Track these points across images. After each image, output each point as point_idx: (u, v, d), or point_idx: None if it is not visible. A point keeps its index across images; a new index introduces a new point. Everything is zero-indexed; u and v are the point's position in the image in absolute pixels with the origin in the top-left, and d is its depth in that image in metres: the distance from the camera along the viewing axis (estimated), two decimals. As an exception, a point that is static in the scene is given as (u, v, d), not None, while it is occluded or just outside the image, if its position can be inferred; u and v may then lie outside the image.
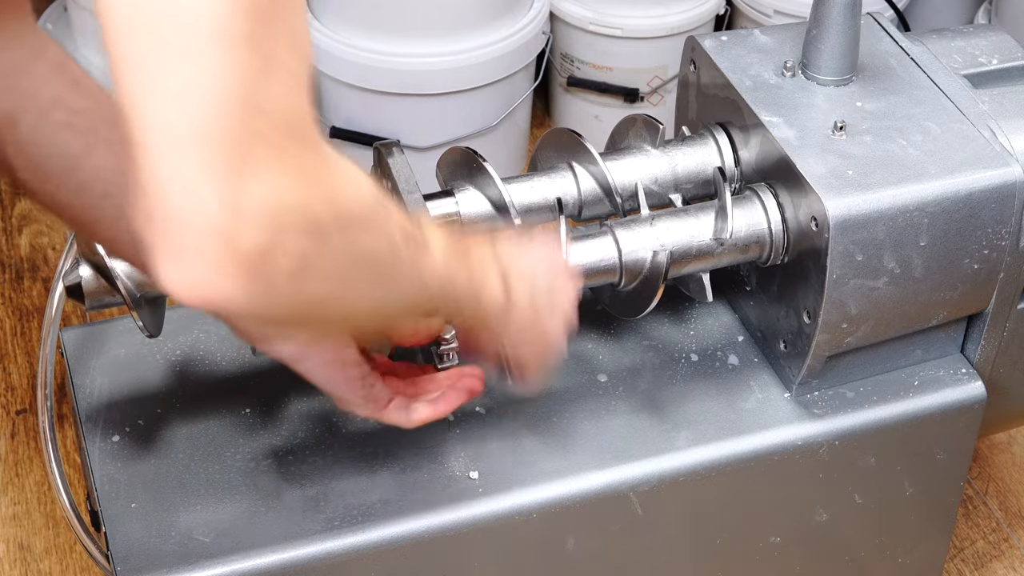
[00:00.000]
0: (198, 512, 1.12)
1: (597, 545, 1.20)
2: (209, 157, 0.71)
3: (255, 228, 0.72)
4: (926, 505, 1.31)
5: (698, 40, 1.28)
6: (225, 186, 0.71)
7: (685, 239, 1.17)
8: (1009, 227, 1.18)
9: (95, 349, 1.24)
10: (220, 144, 0.71)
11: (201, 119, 0.71)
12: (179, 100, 0.70)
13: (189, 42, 0.70)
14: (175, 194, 0.71)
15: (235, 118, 0.71)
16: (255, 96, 0.72)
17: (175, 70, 0.70)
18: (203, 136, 0.71)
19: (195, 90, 0.71)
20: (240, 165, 0.71)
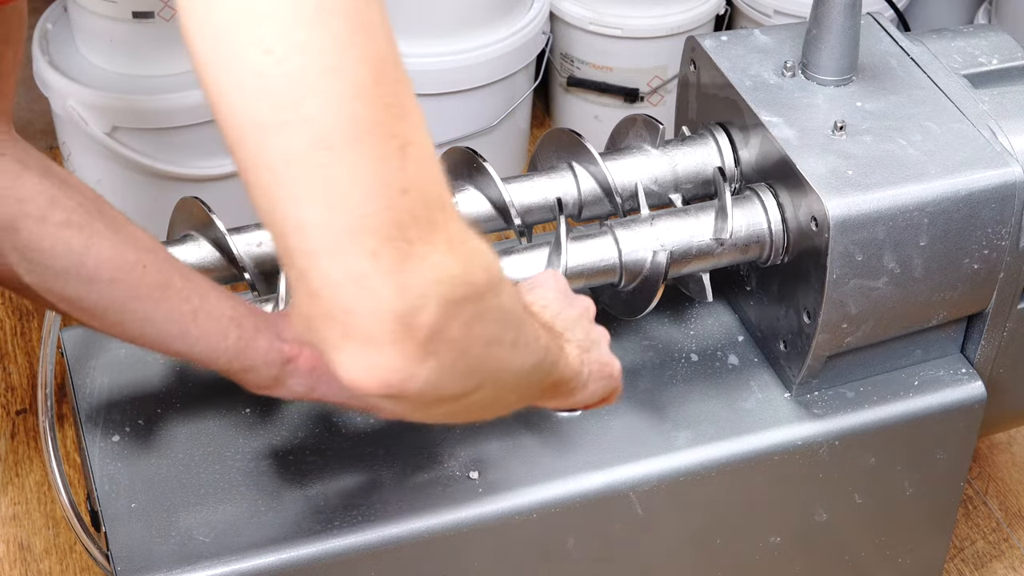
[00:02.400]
0: (198, 512, 1.12)
1: (597, 545, 1.20)
2: (374, 247, 0.73)
3: (427, 306, 0.75)
4: (926, 505, 1.31)
5: (698, 40, 1.28)
6: (394, 272, 0.73)
7: (685, 239, 1.17)
8: (1009, 227, 1.18)
9: (95, 349, 1.24)
10: (380, 233, 0.73)
11: (359, 213, 0.72)
12: (334, 200, 0.72)
13: (331, 142, 0.71)
14: (349, 289, 0.73)
15: (388, 205, 0.73)
16: (399, 180, 0.74)
17: (323, 173, 0.72)
18: (364, 229, 0.73)
19: (346, 188, 0.72)
20: (403, 249, 0.74)
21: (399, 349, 0.75)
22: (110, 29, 1.80)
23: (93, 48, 1.85)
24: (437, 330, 0.76)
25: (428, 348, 0.76)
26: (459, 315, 0.77)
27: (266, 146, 0.72)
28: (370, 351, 0.75)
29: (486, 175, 1.18)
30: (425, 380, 0.77)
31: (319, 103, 0.71)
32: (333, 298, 0.74)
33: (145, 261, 1.00)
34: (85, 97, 1.80)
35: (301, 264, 0.74)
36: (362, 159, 0.72)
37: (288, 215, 0.73)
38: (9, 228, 0.96)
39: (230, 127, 0.73)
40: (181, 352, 1.03)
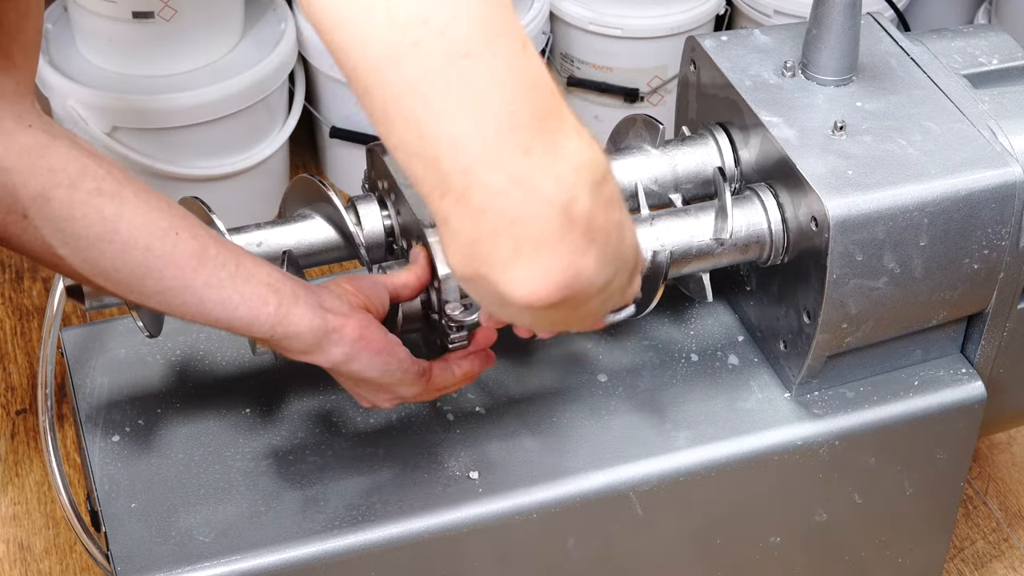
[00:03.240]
0: (198, 512, 1.12)
1: (597, 545, 1.20)
2: (526, 144, 0.75)
3: (580, 194, 0.77)
4: (926, 505, 1.31)
5: (698, 40, 1.28)
6: (548, 165, 0.76)
7: (685, 239, 1.17)
8: (1009, 227, 1.18)
9: (95, 349, 1.24)
10: (528, 128, 0.75)
11: (505, 112, 0.75)
12: (480, 104, 0.74)
13: (466, 49, 0.74)
14: (513, 192, 0.75)
15: (526, 100, 0.75)
16: (527, 75, 0.76)
17: (465, 80, 0.74)
18: (513, 126, 0.75)
19: (489, 91, 0.74)
20: (548, 140, 0.76)
21: (567, 244, 0.77)
22: (110, 29, 1.80)
23: (93, 48, 1.85)
24: (591, 216, 0.78)
25: (589, 235, 0.78)
26: (601, 198, 0.79)
27: (403, 71, 0.74)
28: (542, 254, 0.76)
29: (486, 175, 1.18)
30: (592, 272, 0.79)
31: (448, 13, 0.73)
32: (499, 207, 0.75)
33: (178, 228, 1.00)
34: (85, 97, 1.80)
35: (460, 185, 0.75)
36: (497, 60, 0.75)
37: (438, 134, 0.75)
38: (40, 198, 0.96)
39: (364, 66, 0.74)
40: (222, 321, 1.03)
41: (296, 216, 1.18)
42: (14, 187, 0.96)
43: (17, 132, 0.96)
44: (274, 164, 1.96)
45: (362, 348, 1.05)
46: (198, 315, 1.02)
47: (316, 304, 1.04)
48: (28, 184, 0.96)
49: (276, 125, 1.93)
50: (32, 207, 0.96)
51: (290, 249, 1.16)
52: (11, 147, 0.96)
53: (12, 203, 0.96)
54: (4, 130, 0.96)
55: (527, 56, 0.77)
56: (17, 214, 0.96)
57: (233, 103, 1.83)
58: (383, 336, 1.06)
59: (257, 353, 1.14)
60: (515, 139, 0.75)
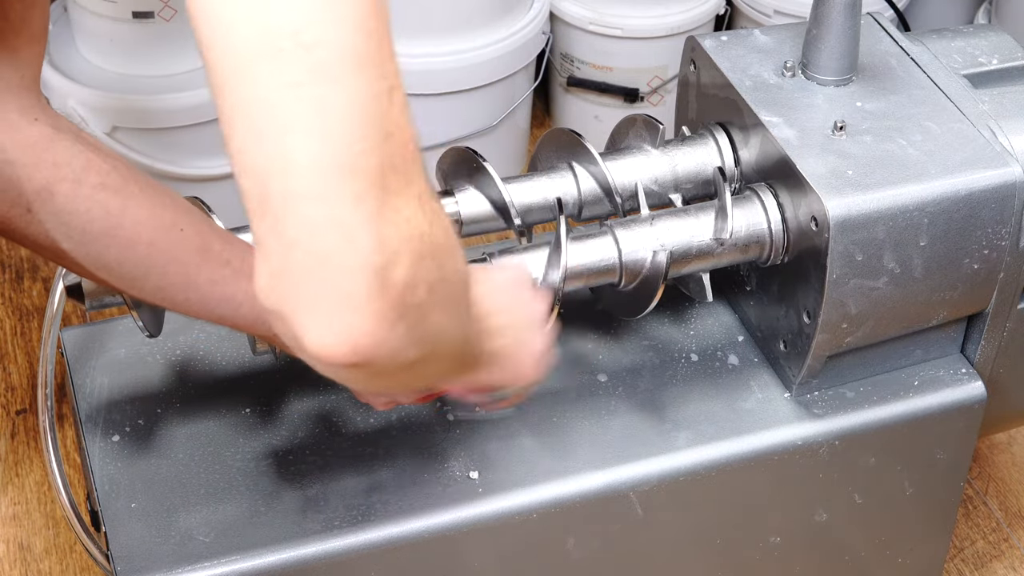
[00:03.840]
0: (198, 512, 1.12)
1: (597, 545, 1.20)
2: (359, 191, 0.70)
3: (401, 263, 0.72)
4: (926, 505, 1.31)
5: (698, 40, 1.28)
6: (375, 221, 0.71)
7: (685, 239, 1.17)
8: (1009, 227, 1.18)
9: (95, 349, 1.24)
10: (365, 176, 0.71)
11: (349, 151, 0.70)
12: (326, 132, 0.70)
13: (329, 72, 0.69)
14: (330, 236, 0.71)
15: (375, 147, 0.71)
16: (386, 122, 0.72)
17: (319, 103, 0.70)
18: (351, 168, 0.70)
19: (339, 122, 0.70)
20: (383, 196, 0.71)
21: (374, 308, 0.72)
22: (110, 29, 1.80)
23: (93, 48, 1.85)
24: (408, 290, 0.73)
25: (399, 309, 0.73)
26: (426, 275, 0.75)
27: (260, 77, 0.70)
28: (344, 311, 0.72)
29: (486, 175, 1.18)
30: (393, 346, 0.74)
31: (323, 32, 0.69)
32: (311, 246, 0.71)
33: (182, 224, 0.99)
34: (85, 97, 1.80)
35: (280, 208, 0.71)
36: (358, 94, 0.71)
37: (274, 151, 0.71)
38: (45, 191, 0.96)
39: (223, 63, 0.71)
40: (226, 317, 1.02)
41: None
42: (19, 180, 0.95)
43: (22, 125, 0.96)
44: (274, 164, 1.95)
45: None
46: (201, 311, 1.02)
47: None
48: (33, 178, 0.96)
49: (276, 125, 1.93)
50: (36, 201, 0.96)
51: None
52: (16, 140, 0.96)
53: (16, 196, 0.96)
54: (9, 123, 0.96)
55: (391, 102, 0.72)
56: (21, 207, 0.96)
57: (233, 103, 1.83)
58: None
59: (257, 353, 1.14)
60: (349, 181, 0.70)
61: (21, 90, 0.97)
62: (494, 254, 1.16)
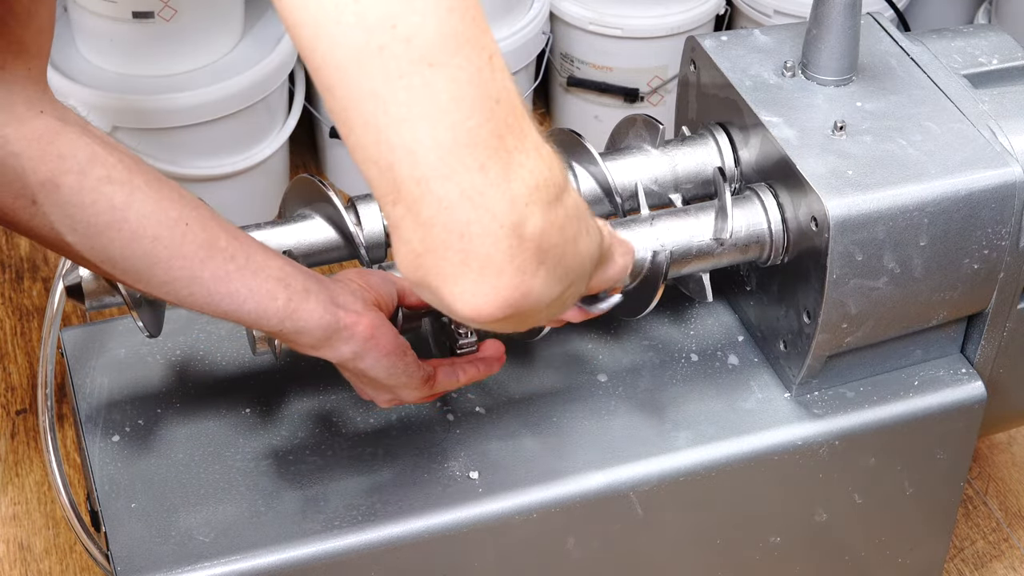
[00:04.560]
0: (198, 512, 1.12)
1: (597, 545, 1.20)
2: (482, 160, 0.75)
3: (533, 215, 0.77)
4: (926, 505, 1.31)
5: (698, 40, 1.28)
6: (503, 183, 0.75)
7: (685, 239, 1.17)
8: (1009, 227, 1.18)
9: (95, 349, 1.24)
10: (486, 145, 0.75)
11: (465, 126, 0.74)
12: (440, 115, 0.74)
13: (430, 58, 0.73)
14: (464, 208, 0.75)
15: (487, 116, 0.75)
16: (491, 89, 0.75)
17: (428, 89, 0.73)
18: (471, 142, 0.74)
19: (450, 103, 0.74)
20: (505, 158, 0.76)
21: (516, 264, 0.77)
22: (110, 29, 1.80)
23: (93, 48, 1.85)
24: (543, 237, 0.78)
25: (539, 257, 0.78)
26: (555, 218, 0.79)
27: (366, 74, 0.73)
28: (489, 273, 0.76)
29: (486, 175, 1.18)
30: (539, 291, 0.79)
31: (418, 21, 0.73)
32: (448, 221, 0.75)
33: (188, 219, 0.99)
34: (85, 97, 1.80)
35: (412, 193, 0.75)
36: (462, 72, 0.74)
37: (395, 141, 0.74)
38: (50, 184, 0.96)
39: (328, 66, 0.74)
40: (230, 313, 1.02)
41: (296, 216, 1.18)
42: (24, 172, 0.95)
43: (28, 118, 0.96)
44: (274, 164, 1.96)
45: (371, 347, 1.05)
46: (206, 306, 1.02)
47: (328, 300, 1.03)
48: (38, 170, 0.96)
49: (276, 125, 1.93)
50: (41, 193, 0.96)
51: (290, 249, 1.16)
52: (22, 133, 0.96)
53: (21, 188, 0.96)
54: (15, 116, 0.96)
55: (492, 70, 0.76)
56: (26, 199, 0.96)
57: (233, 103, 1.83)
58: (394, 338, 1.06)
59: (257, 353, 1.14)
60: (471, 154, 0.75)
61: (28, 82, 0.97)
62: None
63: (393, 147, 0.75)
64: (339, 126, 0.77)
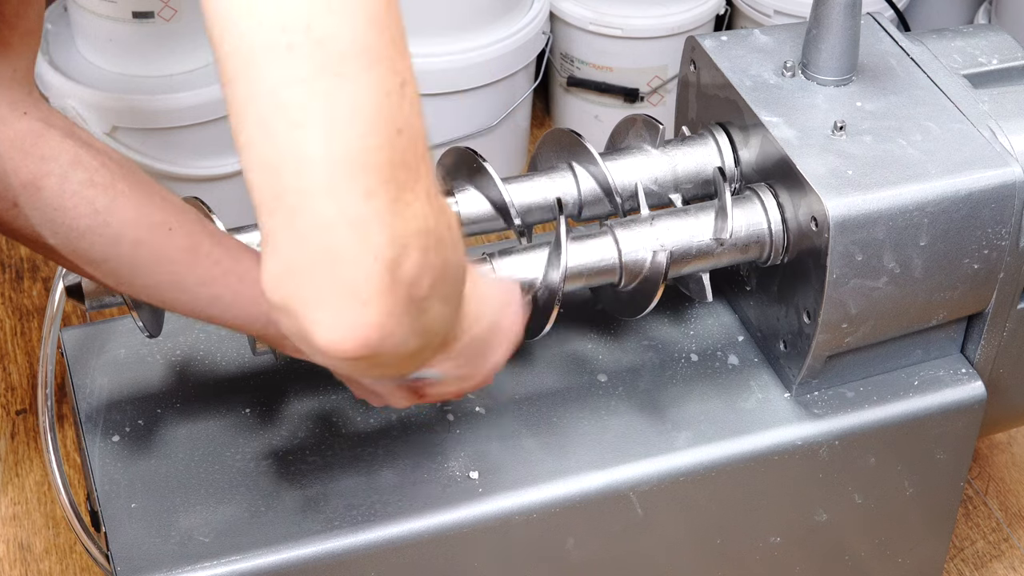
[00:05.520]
0: (198, 512, 1.12)
1: (597, 545, 1.20)
2: (370, 187, 0.71)
3: (410, 257, 0.73)
4: (926, 505, 1.31)
5: (698, 40, 1.28)
6: (386, 216, 0.71)
7: (685, 239, 1.17)
8: (1009, 227, 1.18)
9: (95, 349, 1.24)
10: (378, 172, 0.71)
11: (360, 146, 0.70)
12: (337, 128, 0.70)
13: (339, 67, 0.70)
14: (341, 231, 0.71)
15: (385, 142, 0.71)
16: (396, 117, 0.72)
17: (329, 99, 0.70)
18: (363, 165, 0.70)
19: (351, 117, 0.70)
20: (395, 191, 0.72)
21: (382, 302, 0.73)
22: (110, 29, 1.80)
23: (93, 48, 1.85)
24: (415, 283, 0.74)
25: (407, 302, 0.74)
26: (431, 269, 0.75)
27: (270, 72, 0.70)
28: (352, 306, 0.72)
29: (486, 175, 1.18)
30: (399, 338, 0.75)
31: (335, 26, 0.70)
32: (323, 241, 0.71)
33: (172, 223, 0.98)
34: (85, 97, 1.80)
35: (292, 203, 0.71)
36: (369, 90, 0.71)
37: (285, 145, 0.71)
38: (31, 186, 0.96)
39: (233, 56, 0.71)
40: (215, 317, 1.01)
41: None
42: (5, 174, 0.95)
43: (11, 120, 0.96)
44: (274, 164, 1.95)
45: None
46: (191, 311, 1.02)
47: None
48: (19, 171, 0.95)
49: (276, 125, 1.93)
50: (23, 195, 0.96)
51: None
52: (4, 134, 0.95)
53: (3, 190, 0.95)
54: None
55: (401, 98, 0.73)
56: (8, 201, 0.96)
57: (233, 103, 1.83)
58: None
59: (257, 353, 1.14)
60: (360, 177, 0.71)
61: (12, 84, 0.97)
62: (494, 254, 1.16)
63: (281, 151, 0.71)
64: (232, 122, 0.73)
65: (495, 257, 1.15)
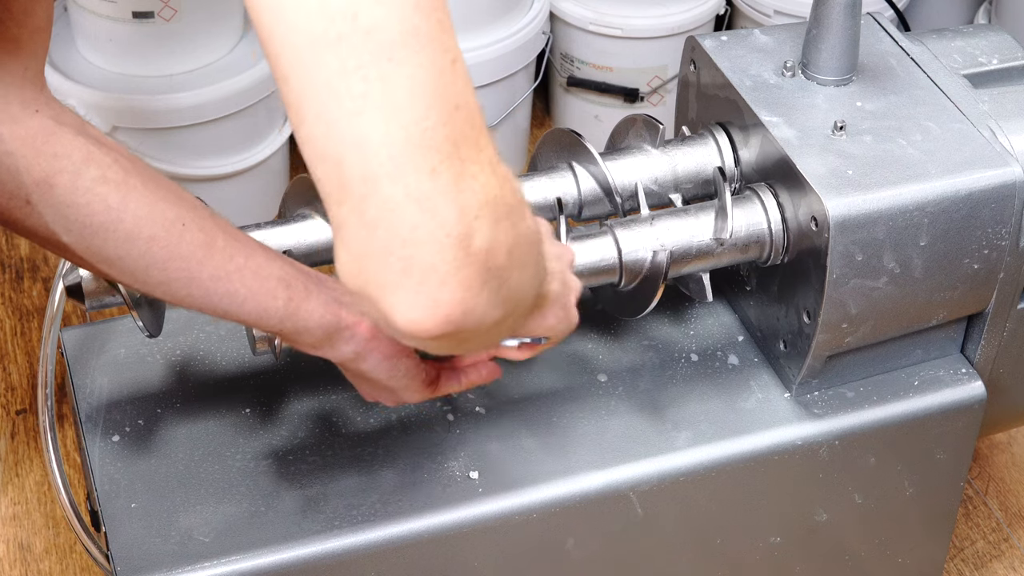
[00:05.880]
0: (198, 512, 1.12)
1: (597, 545, 1.20)
2: (434, 164, 0.72)
3: (481, 229, 0.74)
4: (926, 505, 1.31)
5: (698, 40, 1.28)
6: (453, 191, 0.72)
7: (685, 239, 1.17)
8: (1009, 227, 1.18)
9: (95, 349, 1.24)
10: (440, 149, 0.72)
11: (420, 127, 0.71)
12: (394, 112, 0.71)
13: (390, 53, 0.71)
14: (410, 211, 0.72)
15: (444, 120, 0.72)
16: (451, 94, 0.73)
17: (384, 84, 0.71)
18: (424, 144, 0.71)
19: (407, 100, 0.71)
20: (458, 166, 0.73)
21: (460, 278, 0.74)
22: (110, 29, 1.80)
23: (93, 48, 1.85)
24: (490, 254, 0.75)
25: (483, 275, 0.75)
26: (504, 238, 0.76)
27: (323, 64, 0.71)
28: (431, 284, 0.73)
29: (486, 175, 1.18)
30: (481, 311, 0.76)
31: (381, 13, 0.71)
32: (393, 224, 0.72)
33: (185, 219, 0.99)
34: (85, 97, 1.80)
35: (359, 191, 0.72)
36: (422, 71, 0.72)
37: (346, 135, 0.72)
38: (44, 183, 0.96)
39: (285, 53, 0.72)
40: (230, 313, 1.01)
41: (296, 216, 1.18)
42: (18, 172, 0.95)
43: (23, 117, 0.96)
44: (274, 164, 1.96)
45: (372, 349, 1.04)
46: (205, 307, 1.02)
47: (330, 299, 1.03)
48: (32, 169, 0.95)
49: (276, 125, 1.93)
50: (36, 192, 0.96)
51: (290, 249, 1.16)
52: (16, 132, 0.95)
53: (16, 188, 0.96)
54: (10, 115, 0.95)
55: (454, 75, 0.74)
56: (21, 199, 0.96)
57: (233, 103, 1.83)
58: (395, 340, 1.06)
59: (257, 353, 1.14)
60: (423, 156, 0.72)
61: (24, 82, 0.97)
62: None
63: (343, 141, 0.72)
64: (292, 118, 0.74)
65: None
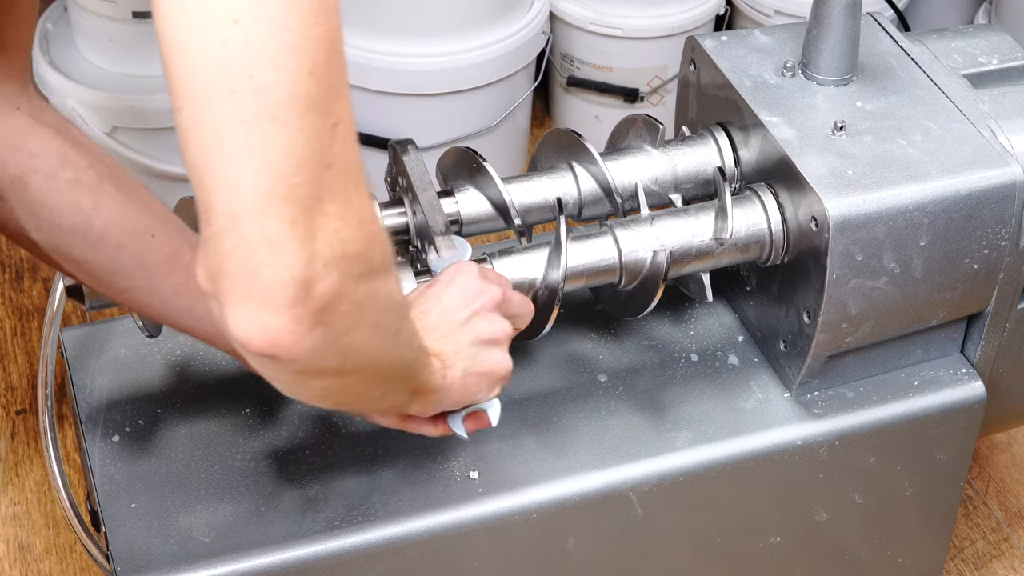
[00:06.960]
0: (198, 512, 1.12)
1: (597, 545, 1.20)
2: (294, 215, 0.76)
3: (328, 277, 0.78)
4: (926, 505, 1.31)
5: (698, 40, 1.28)
6: (307, 240, 0.77)
7: (685, 239, 1.17)
8: (1009, 227, 1.18)
9: (95, 349, 1.24)
10: (302, 203, 0.76)
11: (287, 181, 0.76)
12: (267, 167, 0.75)
13: (275, 113, 0.75)
14: (262, 252, 0.76)
15: (312, 178, 0.77)
16: (327, 155, 0.77)
17: (264, 141, 0.75)
18: (288, 196, 0.76)
19: (281, 157, 0.76)
20: (319, 220, 0.77)
21: (293, 312, 0.78)
22: (110, 29, 1.80)
23: (93, 48, 1.85)
24: (332, 301, 0.79)
25: (319, 317, 0.79)
26: (354, 292, 0.80)
27: (213, 109, 0.75)
28: (265, 311, 0.78)
29: (486, 175, 1.18)
30: (309, 347, 0.79)
31: (275, 77, 0.74)
32: (247, 258, 0.77)
33: (154, 230, 1.00)
34: (85, 97, 1.80)
35: (223, 223, 0.77)
36: (302, 134, 0.76)
37: (220, 175, 0.76)
38: (18, 181, 0.97)
39: (182, 88, 0.76)
40: (187, 327, 1.03)
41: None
42: None
43: (3, 114, 0.97)
44: (274, 164, 1.95)
45: None
46: (165, 319, 1.03)
47: None
48: (7, 166, 0.97)
49: (276, 125, 1.93)
50: (10, 189, 0.97)
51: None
52: None
53: None
54: None
55: (334, 138, 0.77)
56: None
57: (233, 103, 1.83)
58: None
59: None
60: (285, 207, 0.76)
61: (6, 79, 0.97)
62: (494, 254, 1.16)
63: (217, 179, 0.76)
64: (180, 138, 0.79)
65: (495, 257, 1.15)
